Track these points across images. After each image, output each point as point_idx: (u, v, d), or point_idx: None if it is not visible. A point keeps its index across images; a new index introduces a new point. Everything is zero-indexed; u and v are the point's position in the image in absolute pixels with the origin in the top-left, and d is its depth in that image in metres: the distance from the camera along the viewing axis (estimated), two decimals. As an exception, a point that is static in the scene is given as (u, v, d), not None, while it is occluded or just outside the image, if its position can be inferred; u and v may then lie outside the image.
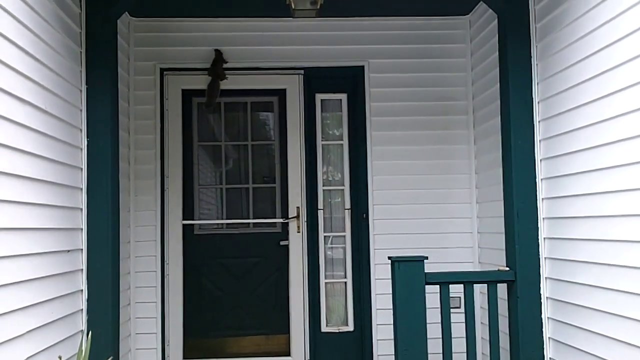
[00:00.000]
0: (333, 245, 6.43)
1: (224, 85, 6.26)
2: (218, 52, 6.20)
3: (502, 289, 4.78)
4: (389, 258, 4.65)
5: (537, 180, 4.68)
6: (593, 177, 3.97)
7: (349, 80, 6.46)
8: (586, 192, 4.06)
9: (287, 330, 6.29)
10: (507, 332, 4.77)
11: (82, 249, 4.55)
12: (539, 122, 4.70)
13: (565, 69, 4.29)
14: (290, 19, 5.92)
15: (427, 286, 4.55)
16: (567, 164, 4.30)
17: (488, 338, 4.72)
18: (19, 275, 3.48)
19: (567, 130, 4.27)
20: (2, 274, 3.28)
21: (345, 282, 6.38)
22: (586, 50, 4.01)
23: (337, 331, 6.34)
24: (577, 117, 4.14)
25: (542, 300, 4.62)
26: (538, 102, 4.71)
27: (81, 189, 4.58)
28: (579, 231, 4.18)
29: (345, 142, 6.47)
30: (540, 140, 4.69)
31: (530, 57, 4.76)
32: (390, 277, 4.65)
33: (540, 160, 4.68)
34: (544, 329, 4.61)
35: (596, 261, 3.95)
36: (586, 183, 4.06)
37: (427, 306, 4.53)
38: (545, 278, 4.62)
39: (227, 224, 6.43)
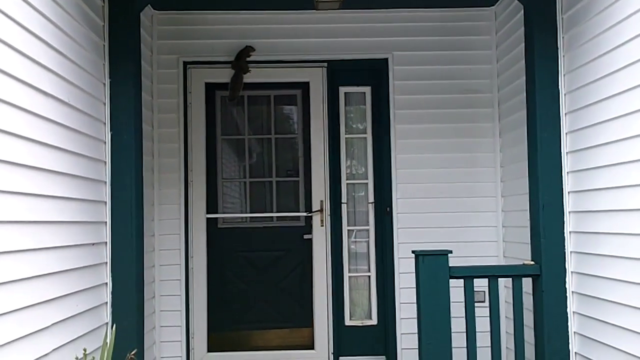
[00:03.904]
0: (357, 239, 6.41)
1: (247, 78, 6.24)
2: (249, 47, 6.17)
3: (527, 283, 4.73)
4: (413, 252, 4.62)
5: (563, 173, 4.63)
6: (620, 170, 3.91)
7: (373, 73, 6.42)
8: (613, 185, 4.00)
9: (310, 324, 6.29)
10: (532, 327, 4.73)
11: (106, 242, 4.58)
12: (565, 114, 4.64)
13: (592, 61, 4.23)
14: (314, 11, 5.89)
15: (451, 280, 4.52)
16: (594, 157, 4.24)
17: (513, 332, 4.67)
18: (44, 268, 3.50)
19: (594, 122, 4.21)
20: (28, 266, 3.30)
21: (369, 276, 6.36)
22: (615, 41, 3.94)
23: (361, 325, 6.33)
24: (605, 109, 4.08)
25: (567, 295, 4.57)
26: (564, 94, 4.65)
27: (105, 182, 4.61)
28: (605, 225, 4.12)
29: (369, 136, 6.44)
30: (566, 133, 4.63)
31: (557, 48, 4.69)
32: (414, 270, 4.63)
33: (567, 153, 4.62)
34: (569, 323, 4.56)
35: (623, 255, 3.89)
36: (613, 176, 4.00)
37: (451, 300, 4.50)
38: (571, 272, 4.57)
39: (251, 217, 6.44)
